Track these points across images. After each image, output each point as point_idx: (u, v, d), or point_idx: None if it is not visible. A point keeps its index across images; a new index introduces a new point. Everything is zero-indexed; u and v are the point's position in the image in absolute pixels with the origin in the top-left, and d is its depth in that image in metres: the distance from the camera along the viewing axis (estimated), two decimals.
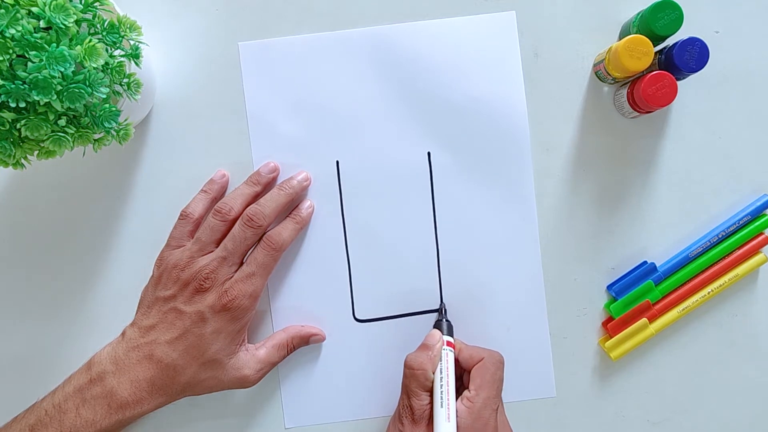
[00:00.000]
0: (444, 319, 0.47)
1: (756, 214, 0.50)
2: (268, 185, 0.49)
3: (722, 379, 0.50)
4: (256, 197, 0.48)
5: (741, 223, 0.49)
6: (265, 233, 0.46)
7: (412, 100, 0.49)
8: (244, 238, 0.45)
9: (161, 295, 0.45)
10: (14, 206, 0.50)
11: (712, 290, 0.49)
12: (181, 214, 0.47)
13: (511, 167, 0.50)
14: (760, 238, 0.50)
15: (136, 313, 0.46)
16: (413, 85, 0.49)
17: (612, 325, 0.49)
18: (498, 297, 0.50)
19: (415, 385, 0.43)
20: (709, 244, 0.50)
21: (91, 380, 0.43)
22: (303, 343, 0.49)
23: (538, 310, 0.50)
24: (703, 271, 0.50)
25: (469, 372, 0.44)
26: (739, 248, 0.50)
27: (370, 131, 0.49)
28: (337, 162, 0.49)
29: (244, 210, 0.46)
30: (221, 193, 0.49)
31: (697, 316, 0.50)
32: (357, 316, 0.50)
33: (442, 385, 0.42)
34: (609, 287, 0.50)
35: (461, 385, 0.46)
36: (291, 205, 0.49)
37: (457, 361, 0.45)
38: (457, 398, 0.43)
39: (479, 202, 0.50)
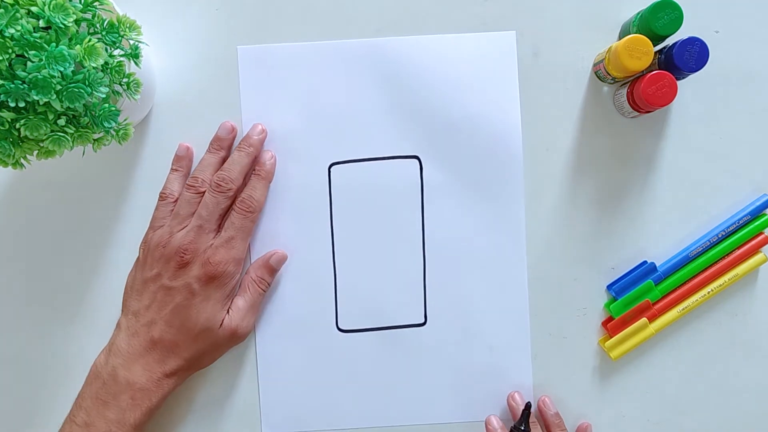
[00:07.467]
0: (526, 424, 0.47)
1: (756, 214, 0.50)
2: (232, 147, 0.49)
3: (722, 379, 0.50)
4: (224, 162, 0.48)
5: (741, 222, 0.49)
6: (237, 197, 0.47)
7: (408, 113, 0.49)
8: (216, 203, 0.45)
9: (148, 275, 0.45)
10: (14, 206, 0.50)
11: (712, 290, 0.49)
12: (160, 196, 0.47)
13: (503, 187, 0.49)
14: (759, 238, 0.50)
15: (126, 302, 0.46)
16: (410, 98, 0.49)
17: (612, 325, 0.49)
18: (482, 317, 0.50)
19: None
20: (708, 243, 0.49)
21: (104, 383, 0.43)
22: (269, 270, 0.48)
23: (521, 333, 0.50)
24: (702, 271, 0.50)
25: None
26: (738, 248, 0.50)
27: (365, 140, 0.49)
28: (329, 169, 0.49)
29: None
30: (191, 166, 0.49)
31: (697, 315, 0.50)
32: (340, 326, 0.50)
33: None
34: (609, 287, 0.50)
35: None
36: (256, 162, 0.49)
37: None
38: None
39: (468, 219, 0.49)
